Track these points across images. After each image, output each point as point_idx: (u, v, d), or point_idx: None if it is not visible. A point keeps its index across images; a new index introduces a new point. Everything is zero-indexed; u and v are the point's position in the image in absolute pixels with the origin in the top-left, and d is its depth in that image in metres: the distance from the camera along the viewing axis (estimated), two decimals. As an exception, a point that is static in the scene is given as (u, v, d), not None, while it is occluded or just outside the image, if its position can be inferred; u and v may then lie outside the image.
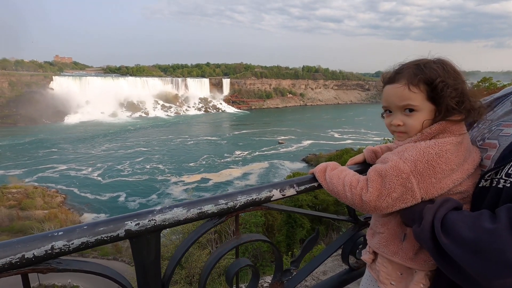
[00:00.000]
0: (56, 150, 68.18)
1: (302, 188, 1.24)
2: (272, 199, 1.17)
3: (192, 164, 59.54)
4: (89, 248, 0.84)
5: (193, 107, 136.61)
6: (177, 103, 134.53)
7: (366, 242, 1.38)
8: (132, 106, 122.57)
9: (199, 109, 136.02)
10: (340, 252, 1.69)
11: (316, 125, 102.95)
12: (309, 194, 19.75)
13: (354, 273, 1.73)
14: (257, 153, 68.55)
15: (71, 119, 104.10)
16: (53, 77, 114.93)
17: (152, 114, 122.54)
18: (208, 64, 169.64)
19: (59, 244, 0.77)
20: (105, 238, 0.84)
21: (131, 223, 0.88)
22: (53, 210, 36.29)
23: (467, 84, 1.01)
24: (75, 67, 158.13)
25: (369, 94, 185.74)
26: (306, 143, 78.60)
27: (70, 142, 75.51)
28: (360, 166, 1.37)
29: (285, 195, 1.19)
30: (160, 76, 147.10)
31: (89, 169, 55.83)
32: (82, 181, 50.30)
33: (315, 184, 1.25)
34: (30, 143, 73.36)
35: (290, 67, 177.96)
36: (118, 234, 0.86)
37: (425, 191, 0.95)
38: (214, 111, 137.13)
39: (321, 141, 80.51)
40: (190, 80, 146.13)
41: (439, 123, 0.98)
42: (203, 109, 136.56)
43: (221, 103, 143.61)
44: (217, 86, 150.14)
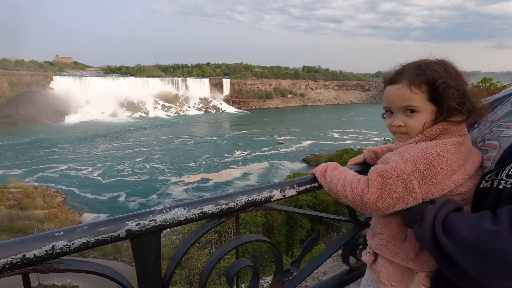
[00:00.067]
0: (56, 150, 68.15)
1: (303, 188, 1.24)
2: (272, 200, 1.17)
3: (192, 164, 59.51)
4: (89, 248, 0.84)
5: (193, 107, 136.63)
6: (177, 103, 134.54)
7: (366, 243, 1.38)
8: (132, 106, 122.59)
9: (199, 109, 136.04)
10: (340, 252, 1.68)
11: (316, 125, 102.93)
12: (309, 195, 19.73)
13: (355, 273, 1.73)
14: (257, 153, 68.52)
15: (71, 119, 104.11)
16: (53, 77, 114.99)
17: (152, 114, 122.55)
18: (208, 64, 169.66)
19: (60, 244, 0.77)
20: (105, 238, 0.84)
21: (131, 223, 0.88)
22: (53, 210, 36.25)
23: (468, 85, 1.01)
24: (75, 67, 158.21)
25: (369, 95, 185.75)
26: (306, 143, 78.59)
27: (70, 142, 75.49)
28: (361, 167, 1.37)
29: (285, 195, 1.19)
30: (160, 76, 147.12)
31: (89, 169, 55.81)
32: (82, 181, 50.28)
33: (316, 185, 1.25)
34: (30, 143, 73.33)
35: (290, 67, 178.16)
36: (119, 234, 0.86)
37: (426, 191, 0.95)
38: (214, 111, 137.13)
39: (321, 142, 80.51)
40: (190, 80, 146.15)
41: (440, 124, 0.98)
42: (203, 109, 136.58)
43: (221, 103, 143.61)
44: (217, 86, 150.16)
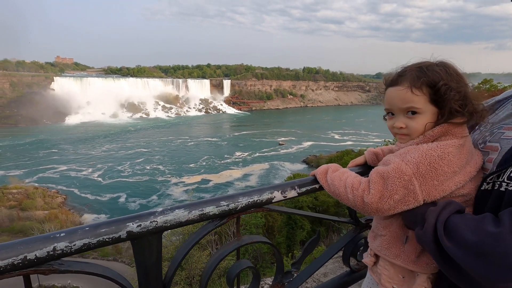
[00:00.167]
0: (56, 150, 68.23)
1: (303, 189, 1.24)
2: (273, 201, 1.17)
3: (192, 165, 59.52)
4: (90, 249, 0.84)
5: (193, 108, 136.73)
6: (178, 104, 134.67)
7: (367, 244, 1.38)
8: (133, 107, 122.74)
9: (199, 110, 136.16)
10: (341, 254, 1.68)
11: (317, 126, 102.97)
12: (309, 196, 19.70)
13: (355, 275, 1.73)
14: (257, 154, 68.53)
15: (71, 120, 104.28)
16: (54, 78, 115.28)
17: (152, 115, 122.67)
18: (209, 65, 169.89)
19: (61, 245, 0.77)
20: (106, 240, 0.84)
21: (132, 224, 0.88)
22: (53, 211, 36.26)
23: (469, 86, 1.01)
24: (76, 68, 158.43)
25: (369, 96, 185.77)
26: (306, 144, 78.59)
27: (70, 142, 75.55)
28: (361, 168, 1.37)
29: (286, 196, 1.19)
30: (161, 77, 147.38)
31: (90, 169, 55.85)
32: (83, 181, 50.30)
33: (316, 186, 1.25)
34: (30, 143, 73.42)
35: (291, 69, 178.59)
36: (120, 235, 0.86)
37: (428, 193, 0.94)
38: (215, 112, 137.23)
39: (322, 143, 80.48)
40: (190, 81, 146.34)
41: (441, 125, 0.98)
42: (204, 110, 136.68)
43: (221, 104, 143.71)
44: (217, 87, 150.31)
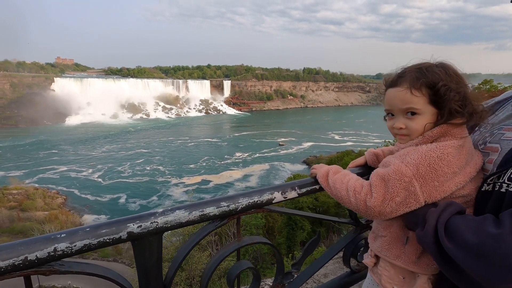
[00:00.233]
0: (56, 151, 68.23)
1: (304, 190, 1.24)
2: (273, 202, 1.17)
3: (192, 165, 59.52)
4: (91, 250, 0.84)
5: (194, 108, 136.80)
6: (178, 105, 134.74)
7: (367, 245, 1.38)
8: (133, 108, 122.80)
9: (199, 111, 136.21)
10: (341, 254, 1.67)
11: (317, 127, 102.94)
12: (310, 196, 19.70)
13: (356, 275, 1.72)
14: (257, 155, 68.51)
15: (72, 121, 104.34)
16: (54, 78, 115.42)
17: (153, 115, 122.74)
18: (209, 66, 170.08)
19: (61, 246, 0.77)
20: (107, 240, 0.84)
21: (133, 225, 0.88)
22: (53, 212, 36.25)
23: (469, 87, 1.01)
24: (76, 69, 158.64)
25: (369, 96, 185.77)
26: (306, 145, 78.55)
27: (70, 143, 75.57)
28: (362, 169, 1.38)
29: (286, 197, 1.19)
30: (161, 78, 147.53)
31: (90, 170, 55.85)
32: (83, 182, 50.29)
33: (317, 187, 1.25)
34: (31, 144, 73.44)
35: (291, 69, 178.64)
36: (121, 236, 0.86)
37: (428, 194, 0.94)
38: (215, 112, 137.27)
39: (322, 143, 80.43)
40: (191, 82, 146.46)
41: (440, 126, 0.98)
42: (204, 111, 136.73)
43: (221, 105, 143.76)
44: (218, 88, 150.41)
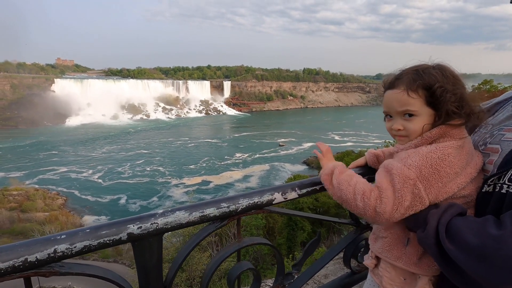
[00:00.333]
0: (57, 152, 68.23)
1: (304, 191, 1.24)
2: (274, 202, 1.17)
3: (192, 166, 59.49)
4: (91, 251, 0.84)
5: (194, 109, 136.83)
6: (178, 106, 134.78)
7: (368, 246, 1.38)
8: (133, 109, 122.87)
9: (200, 112, 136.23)
10: (341, 255, 1.67)
11: (317, 127, 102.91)
12: (310, 197, 19.69)
13: (356, 276, 1.72)
14: (257, 155, 68.47)
15: (72, 122, 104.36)
16: (54, 79, 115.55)
17: (153, 116, 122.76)
18: (209, 66, 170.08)
19: (61, 247, 0.77)
20: (107, 242, 0.84)
21: (133, 226, 0.88)
22: (54, 213, 36.20)
23: (467, 88, 1.01)
24: (76, 70, 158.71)
25: (369, 97, 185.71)
26: (306, 145, 78.46)
27: (71, 144, 75.56)
28: (362, 170, 1.38)
29: (287, 198, 1.19)
30: (161, 79, 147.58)
31: (90, 171, 55.82)
32: (83, 183, 50.25)
33: (317, 187, 1.25)
34: (31, 145, 73.44)
35: (291, 70, 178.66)
36: (121, 237, 0.86)
37: (433, 196, 0.94)
38: (215, 113, 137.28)
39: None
40: (191, 83, 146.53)
41: (439, 127, 0.98)
42: (204, 112, 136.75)
43: (222, 106, 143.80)
44: (218, 88, 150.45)
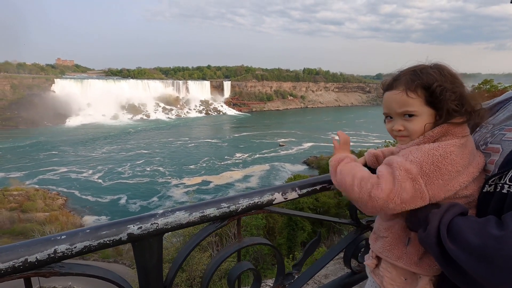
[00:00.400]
0: (57, 152, 68.24)
1: (304, 191, 1.24)
2: (274, 202, 1.17)
3: (192, 166, 59.50)
4: (91, 251, 0.84)
5: (194, 109, 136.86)
6: (178, 106, 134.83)
7: (368, 246, 1.38)
8: (133, 109, 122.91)
9: (200, 112, 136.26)
10: (342, 255, 1.67)
11: (317, 127, 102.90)
12: (310, 197, 19.71)
13: (357, 276, 1.72)
14: (257, 155, 68.47)
15: (72, 122, 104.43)
16: (54, 79, 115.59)
17: (153, 116, 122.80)
18: (209, 66, 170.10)
19: (62, 248, 0.77)
20: (107, 242, 0.84)
21: (133, 226, 0.88)
22: (54, 213, 36.21)
23: (466, 87, 1.01)
24: (76, 70, 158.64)
25: (370, 97, 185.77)
26: (306, 145, 78.51)
27: (71, 144, 75.59)
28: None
29: (287, 198, 1.19)
30: (161, 79, 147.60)
31: (90, 171, 55.83)
32: (83, 183, 50.26)
33: (317, 188, 1.25)
34: (31, 145, 73.47)
35: (291, 70, 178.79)
36: (121, 238, 0.86)
37: (433, 193, 0.94)
38: (215, 113, 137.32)
39: (322, 144, 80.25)
40: (191, 83, 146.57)
41: (441, 126, 0.98)
42: (204, 112, 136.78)
43: (222, 106, 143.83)
44: (218, 88, 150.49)
